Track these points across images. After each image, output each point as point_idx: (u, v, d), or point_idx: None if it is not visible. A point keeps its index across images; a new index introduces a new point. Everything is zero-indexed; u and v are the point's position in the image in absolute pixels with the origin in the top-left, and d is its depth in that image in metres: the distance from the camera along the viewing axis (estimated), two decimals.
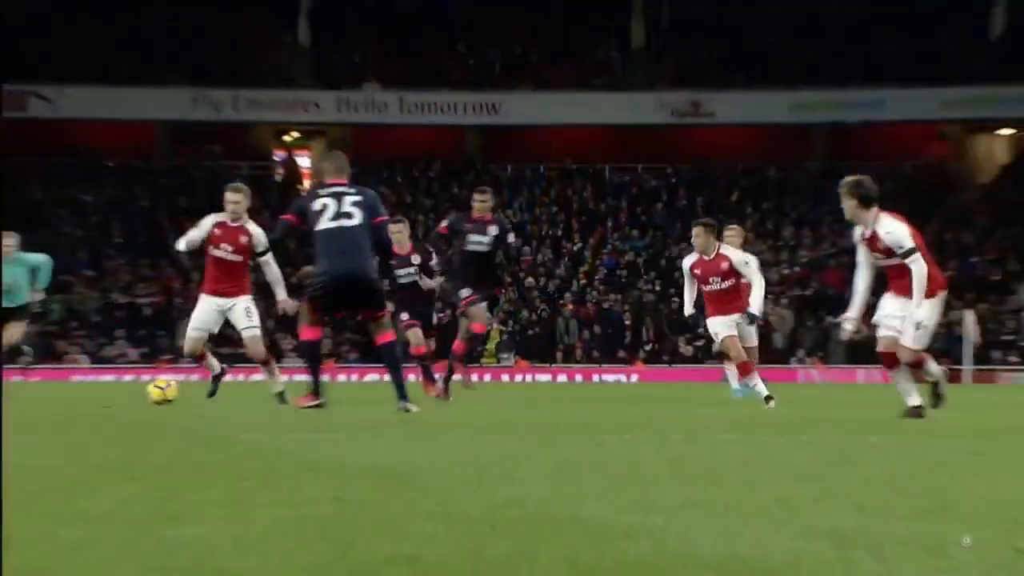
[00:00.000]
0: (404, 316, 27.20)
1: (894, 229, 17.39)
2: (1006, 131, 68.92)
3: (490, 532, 6.18)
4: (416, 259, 26.78)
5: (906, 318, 17.20)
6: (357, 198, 18.29)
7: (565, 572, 5.08)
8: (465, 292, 23.73)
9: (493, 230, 23.58)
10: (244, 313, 21.82)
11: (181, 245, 22.39)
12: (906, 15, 67.18)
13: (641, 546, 5.75)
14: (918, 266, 17.20)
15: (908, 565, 5.38)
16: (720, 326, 23.48)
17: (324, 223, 18.19)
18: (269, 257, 22.01)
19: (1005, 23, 69.23)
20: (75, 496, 7.41)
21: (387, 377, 19.07)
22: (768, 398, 22.64)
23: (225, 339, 32.46)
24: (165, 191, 66.36)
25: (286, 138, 70.38)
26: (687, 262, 23.58)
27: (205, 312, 21.92)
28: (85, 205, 65.27)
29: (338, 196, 18.30)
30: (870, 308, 17.98)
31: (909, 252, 17.23)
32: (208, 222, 21.93)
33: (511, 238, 24.03)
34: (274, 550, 5.56)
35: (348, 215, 18.17)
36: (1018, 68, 64.99)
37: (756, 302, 23.22)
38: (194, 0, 67.66)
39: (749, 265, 23.24)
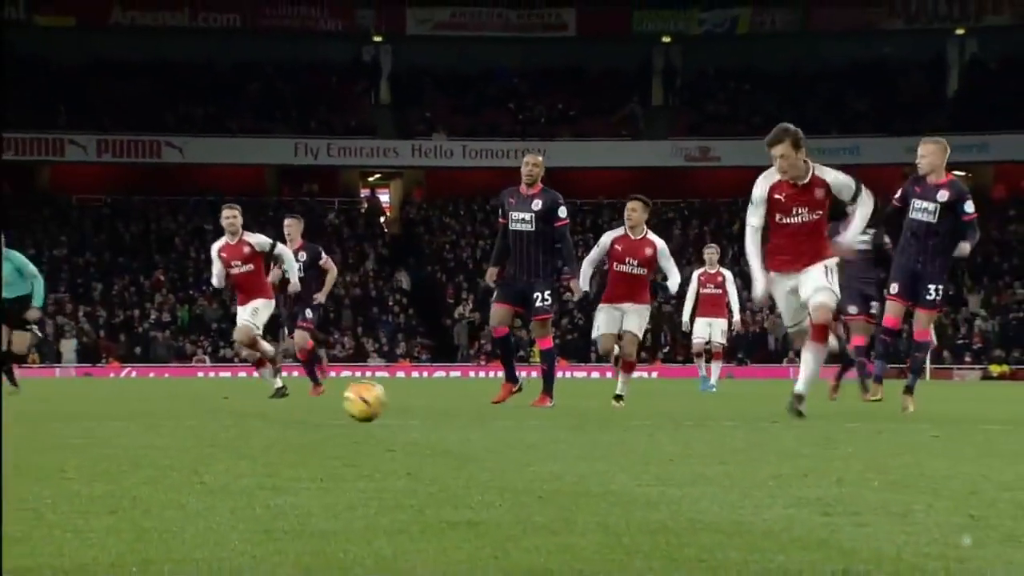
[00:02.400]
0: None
1: (836, 173, 13.58)
2: (959, 172, 68.56)
3: (536, 502, 6.14)
4: (303, 256, 21.95)
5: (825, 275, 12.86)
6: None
7: (598, 535, 5.01)
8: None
9: (537, 204, 16.90)
10: (251, 309, 20.15)
11: (215, 282, 20.88)
12: (877, 78, 66.97)
13: (661, 513, 5.71)
14: (869, 195, 13.72)
15: (881, 528, 5.31)
16: (604, 322, 17.94)
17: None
18: (279, 250, 20.49)
19: (957, 85, 69.14)
20: (197, 471, 7.40)
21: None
22: (618, 397, 18.50)
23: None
24: (272, 221, 66.39)
25: (370, 179, 70.40)
26: (609, 236, 17.97)
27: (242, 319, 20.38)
28: (207, 234, 65.36)
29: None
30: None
31: (859, 188, 13.58)
32: (215, 251, 20.47)
33: (562, 213, 17.05)
34: (359, 516, 5.53)
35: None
36: (968, 122, 64.88)
37: (672, 285, 18.52)
38: (297, 68, 67.70)
39: (670, 260, 17.97)
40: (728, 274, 27.34)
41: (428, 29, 69.33)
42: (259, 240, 20.37)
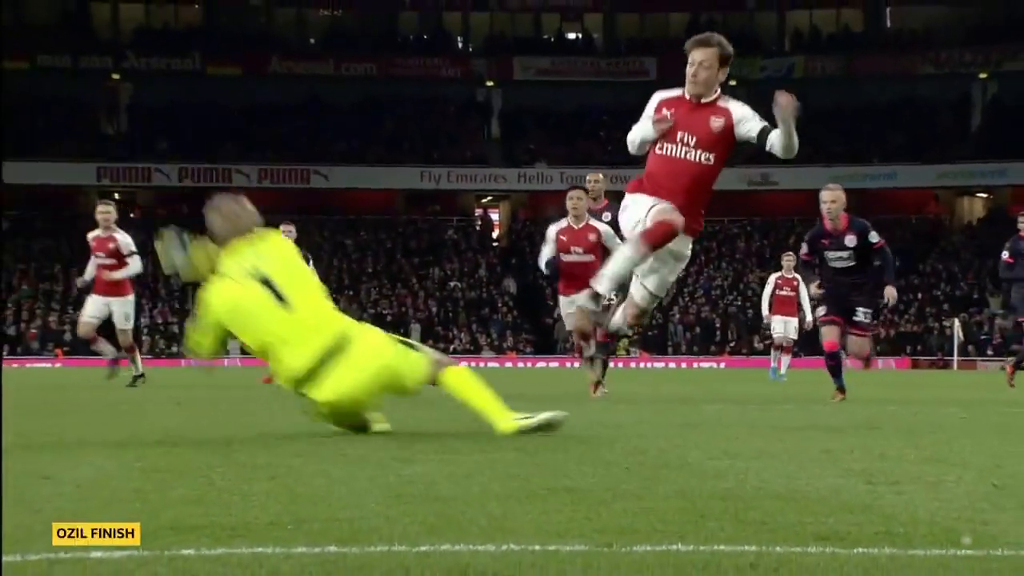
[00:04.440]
0: None
1: (743, 105, 9.19)
2: (982, 195, 68.07)
3: (623, 472, 6.12)
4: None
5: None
6: None
7: (676, 500, 4.98)
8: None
9: (607, 217, 15.67)
10: (123, 315, 19.28)
11: (87, 275, 19.32)
12: (911, 114, 66.42)
13: (728, 482, 5.67)
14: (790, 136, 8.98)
15: (917, 496, 5.25)
16: (568, 316, 15.73)
17: None
18: (133, 259, 19.17)
19: (980, 121, 68.47)
20: (340, 446, 7.43)
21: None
22: (599, 383, 15.43)
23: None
24: (401, 237, 66.78)
25: (482, 200, 70.52)
26: (553, 229, 15.90)
27: (95, 305, 19.29)
28: (347, 247, 65.78)
29: None
30: None
31: (767, 128, 9.02)
32: (90, 239, 19.36)
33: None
34: (475, 483, 5.53)
35: None
36: (989, 152, 64.28)
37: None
38: (422, 108, 67.94)
39: (616, 241, 14.31)
40: (800, 278, 27.07)
41: (532, 75, 69.46)
42: (125, 241, 19.24)
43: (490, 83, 70.19)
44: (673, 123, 8.91)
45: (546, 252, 15.87)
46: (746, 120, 9.00)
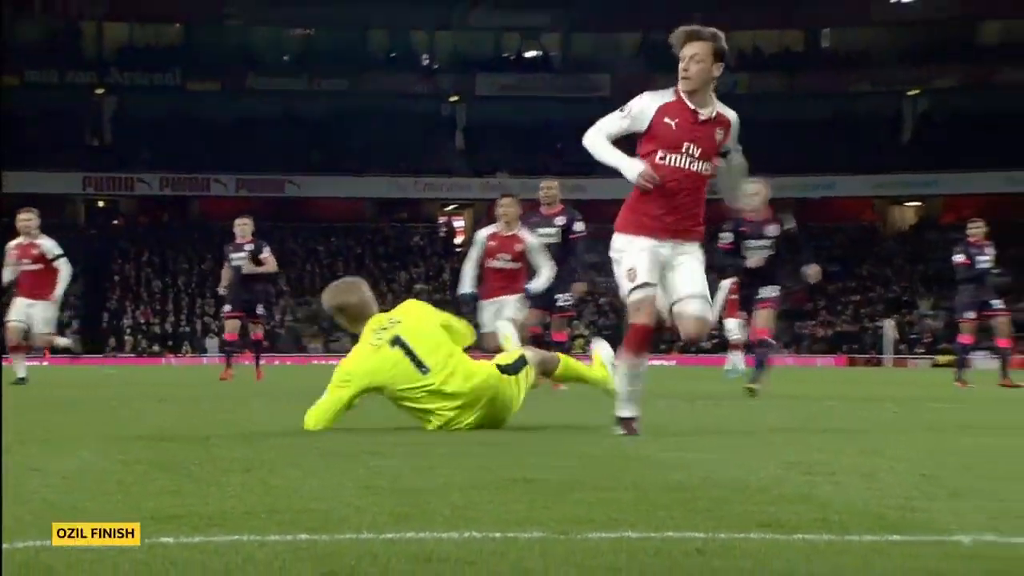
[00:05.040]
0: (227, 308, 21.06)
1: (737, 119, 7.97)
2: (914, 203, 68.45)
3: (580, 464, 6.14)
4: (250, 247, 20.47)
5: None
6: None
7: (629, 491, 5.00)
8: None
9: (560, 221, 15.85)
10: (44, 320, 18.40)
11: (5, 276, 18.64)
12: (848, 127, 66.69)
13: (678, 474, 5.68)
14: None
15: (852, 486, 5.28)
16: (488, 319, 15.25)
17: None
18: (60, 262, 18.51)
19: (911, 135, 68.87)
20: (313, 440, 7.42)
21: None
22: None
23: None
24: (370, 242, 66.70)
25: (447, 208, 70.55)
26: (483, 233, 15.58)
27: (18, 309, 18.49)
28: (320, 253, 65.67)
29: None
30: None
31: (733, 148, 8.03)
32: (10, 247, 18.65)
33: (578, 227, 15.87)
34: (440, 474, 5.53)
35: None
36: (920, 163, 64.62)
37: (538, 282, 15.20)
38: (390, 122, 67.84)
39: (542, 253, 15.15)
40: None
41: (493, 91, 69.55)
42: (49, 246, 18.74)
43: (454, 98, 70.23)
44: (677, 132, 7.73)
45: (473, 256, 15.57)
46: (735, 133, 8.00)
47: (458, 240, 69.66)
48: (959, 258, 19.90)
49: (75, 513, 4.27)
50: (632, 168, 7.76)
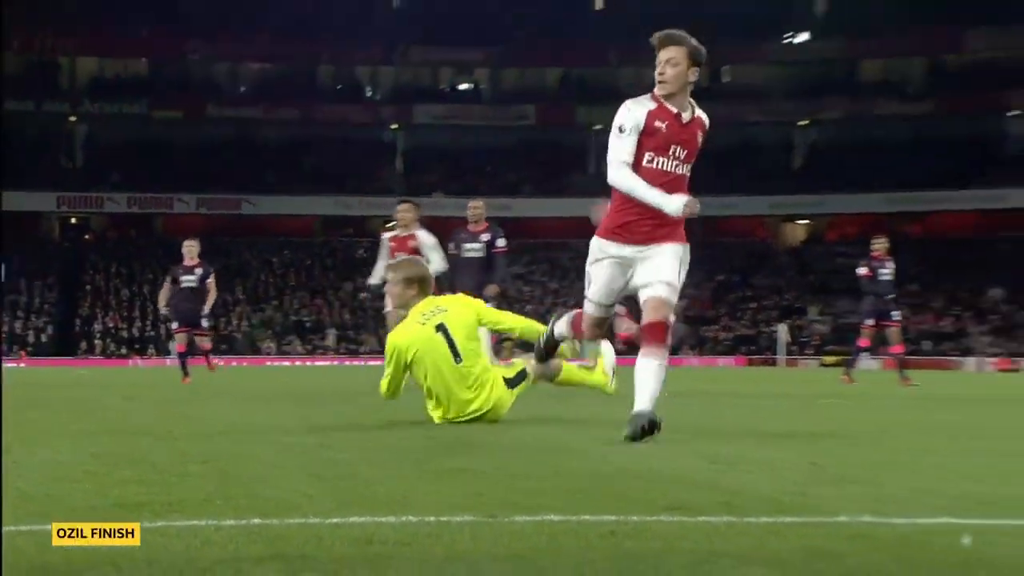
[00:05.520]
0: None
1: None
2: (803, 222, 69.08)
3: (509, 455, 6.12)
4: (199, 271, 20.15)
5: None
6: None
7: (552, 479, 5.01)
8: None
9: (485, 237, 16.07)
10: None
11: None
12: (747, 154, 67.12)
13: (595, 463, 5.70)
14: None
15: (751, 475, 5.31)
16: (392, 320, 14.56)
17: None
18: None
19: (802, 160, 69.50)
20: (270, 435, 7.37)
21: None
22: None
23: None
24: (319, 255, 66.42)
25: (388, 225, 70.20)
26: (386, 236, 15.99)
27: None
28: (274, 264, 65.31)
29: None
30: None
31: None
32: None
33: (500, 243, 15.98)
34: (384, 465, 5.50)
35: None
36: (809, 187, 65.20)
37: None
38: (338, 147, 67.56)
39: (434, 249, 15.23)
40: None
41: (430, 119, 69.50)
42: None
43: (395, 126, 70.12)
44: (666, 135, 7.06)
45: (382, 257, 15.68)
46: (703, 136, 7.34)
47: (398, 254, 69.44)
48: (862, 271, 20.12)
49: (48, 501, 4.22)
50: (672, 204, 6.91)
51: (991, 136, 65.88)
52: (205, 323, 20.43)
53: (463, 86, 72.23)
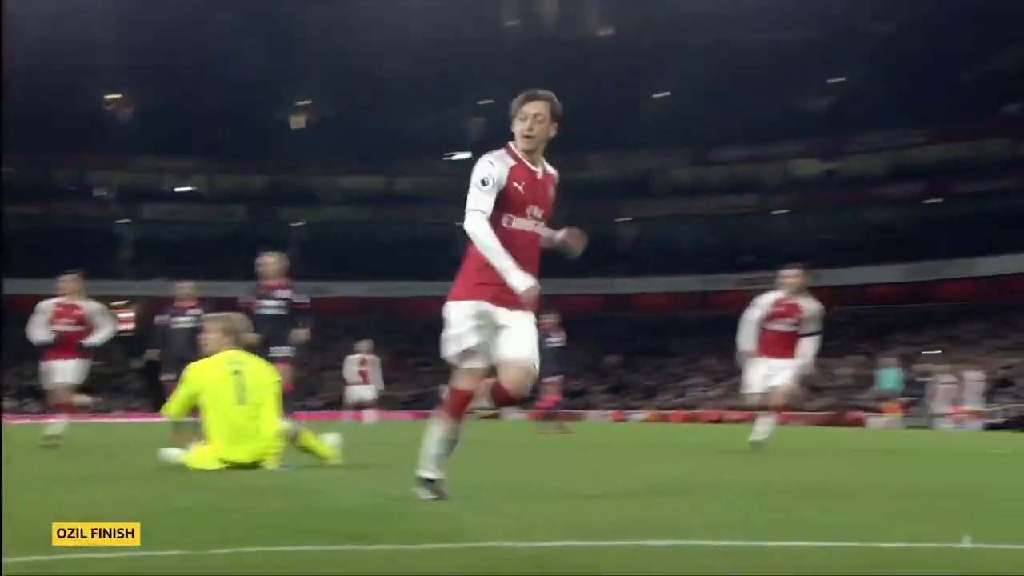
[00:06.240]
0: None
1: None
2: None
3: (252, 493, 5.99)
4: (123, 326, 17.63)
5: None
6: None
7: (271, 515, 4.97)
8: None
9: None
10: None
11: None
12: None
13: (298, 500, 5.60)
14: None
15: (423, 505, 5.31)
16: (58, 369, 14.44)
17: None
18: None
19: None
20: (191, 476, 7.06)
21: None
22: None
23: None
24: None
25: (115, 304, 67.77)
26: (47, 304, 14.93)
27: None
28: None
29: None
30: None
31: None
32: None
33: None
34: (172, 501, 5.19)
35: None
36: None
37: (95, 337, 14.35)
38: (75, 240, 64.59)
39: (102, 314, 14.44)
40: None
41: (155, 215, 67.90)
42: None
43: (125, 221, 67.98)
44: (524, 195, 5.87)
45: (40, 322, 14.20)
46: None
47: (124, 326, 66.77)
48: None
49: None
50: (521, 282, 5.66)
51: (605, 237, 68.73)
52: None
53: (183, 188, 70.88)
